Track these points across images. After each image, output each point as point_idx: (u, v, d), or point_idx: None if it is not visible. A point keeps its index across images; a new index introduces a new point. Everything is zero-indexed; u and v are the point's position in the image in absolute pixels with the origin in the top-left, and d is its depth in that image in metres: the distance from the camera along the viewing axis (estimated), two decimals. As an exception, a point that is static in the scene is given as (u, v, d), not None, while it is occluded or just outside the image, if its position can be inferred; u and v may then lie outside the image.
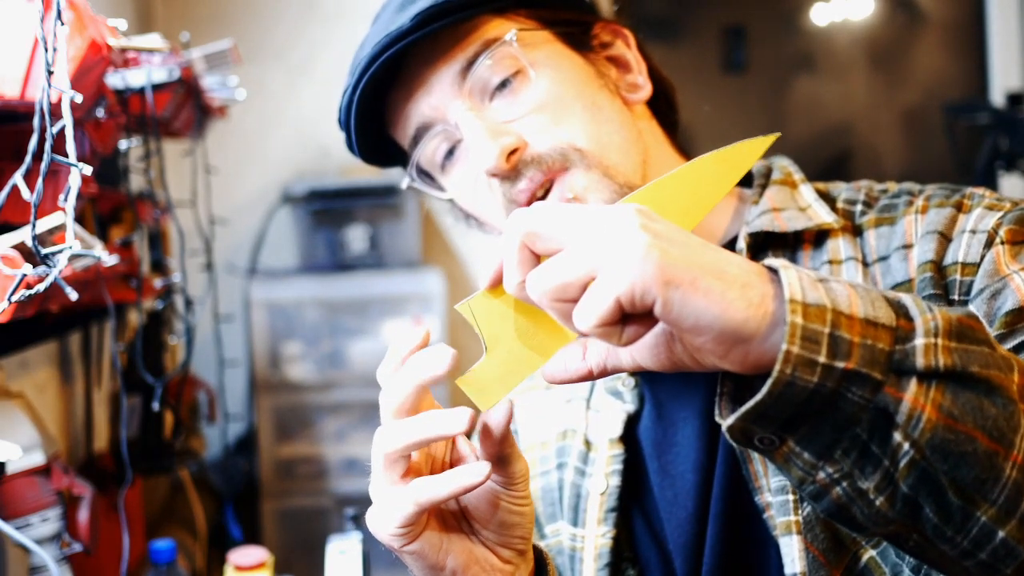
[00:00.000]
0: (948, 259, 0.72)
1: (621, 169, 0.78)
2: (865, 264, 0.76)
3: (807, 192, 0.82)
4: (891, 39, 2.91)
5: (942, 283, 0.71)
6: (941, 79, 2.89)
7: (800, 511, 0.71)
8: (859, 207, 0.80)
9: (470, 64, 0.78)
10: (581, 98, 0.79)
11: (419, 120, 0.81)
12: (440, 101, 0.80)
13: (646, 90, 0.84)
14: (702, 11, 2.85)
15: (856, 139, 2.93)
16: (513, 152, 0.77)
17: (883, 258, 0.76)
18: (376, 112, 0.84)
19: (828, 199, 0.82)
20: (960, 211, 0.74)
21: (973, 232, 0.72)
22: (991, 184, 2.36)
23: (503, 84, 0.78)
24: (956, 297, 0.70)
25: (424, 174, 0.86)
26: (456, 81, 0.78)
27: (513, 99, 0.78)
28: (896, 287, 0.73)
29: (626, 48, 0.85)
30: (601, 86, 0.81)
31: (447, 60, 0.78)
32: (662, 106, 0.87)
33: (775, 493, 0.72)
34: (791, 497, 0.71)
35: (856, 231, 0.79)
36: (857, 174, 0.98)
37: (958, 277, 0.71)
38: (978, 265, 0.70)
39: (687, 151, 0.88)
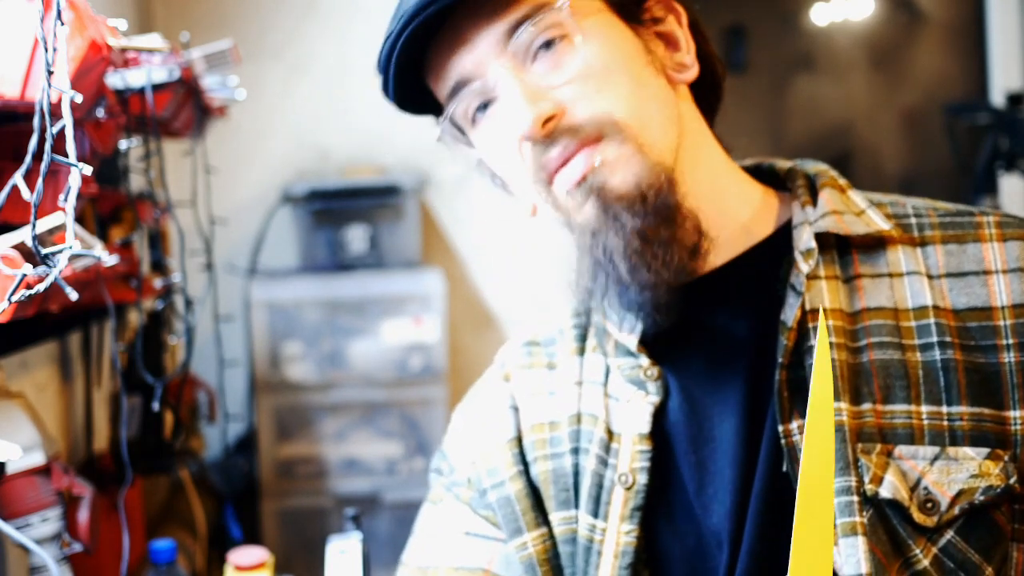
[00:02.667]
0: None
1: (657, 147, 0.77)
2: (930, 277, 0.77)
3: (857, 198, 0.83)
4: (891, 39, 2.91)
5: None
6: (941, 79, 2.89)
7: (864, 513, 0.71)
8: (912, 220, 0.80)
9: (517, 25, 0.76)
10: (626, 70, 0.77)
11: (458, 75, 0.80)
12: (482, 58, 0.78)
13: (693, 71, 0.83)
14: (702, 11, 2.84)
15: (856, 139, 2.93)
16: (549, 119, 0.76)
17: (954, 274, 0.77)
18: (415, 60, 0.82)
19: (873, 203, 0.83)
20: None
21: None
22: (991, 184, 2.36)
23: (548, 48, 0.77)
24: None
25: (455, 128, 0.85)
26: (501, 40, 0.77)
27: (557, 64, 0.77)
28: (973, 310, 0.75)
29: (677, 25, 0.83)
30: (648, 62, 0.80)
31: (495, 18, 0.77)
32: (705, 89, 0.86)
33: (838, 494, 0.72)
34: (855, 499, 0.71)
35: (914, 243, 0.79)
36: (857, 174, 0.99)
37: None
38: None
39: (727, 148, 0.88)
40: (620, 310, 0.84)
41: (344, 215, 2.23)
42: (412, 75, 0.84)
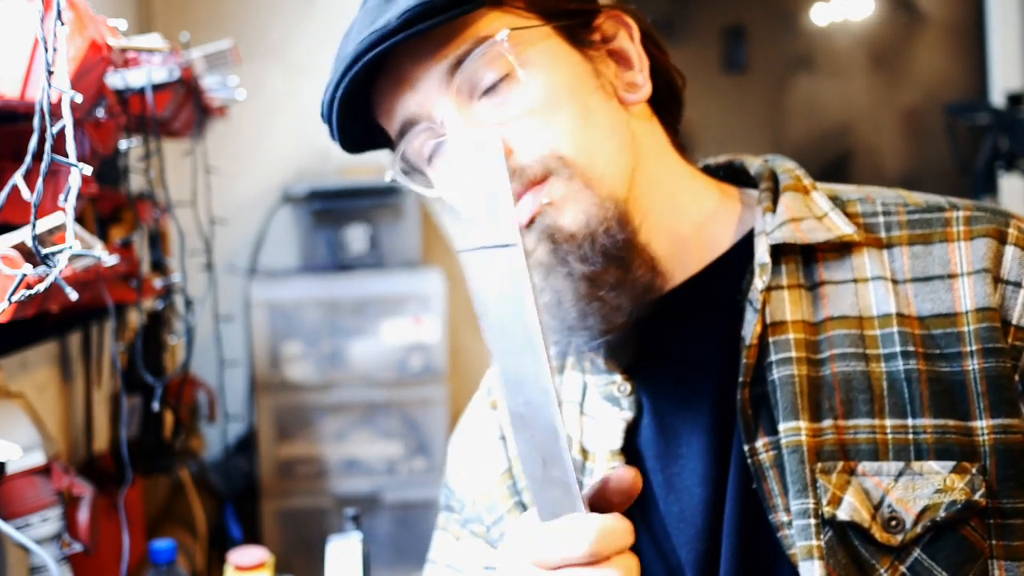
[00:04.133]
0: (1011, 316, 0.72)
1: (606, 181, 0.75)
2: (895, 282, 0.75)
3: (821, 200, 0.80)
4: (891, 39, 2.91)
5: (1007, 340, 0.71)
6: (941, 79, 2.89)
7: (822, 536, 0.70)
8: (880, 219, 0.78)
9: (459, 62, 0.74)
10: (572, 101, 0.76)
11: (404, 115, 0.79)
12: (426, 98, 0.77)
13: (645, 90, 0.81)
14: (702, 11, 2.85)
15: (856, 139, 2.93)
16: None
17: (919, 279, 0.75)
18: (361, 100, 0.81)
19: (839, 204, 0.81)
20: (1003, 243, 0.74)
21: None
22: (991, 184, 2.36)
23: (492, 83, 0.75)
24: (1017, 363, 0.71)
25: (411, 167, 0.84)
26: (443, 79, 0.75)
27: (501, 101, 0.75)
28: (937, 316, 0.73)
29: (629, 41, 0.81)
30: (596, 87, 0.78)
31: (435, 57, 0.75)
32: (665, 102, 0.84)
33: (797, 516, 0.71)
34: (812, 521, 0.70)
35: (880, 246, 0.77)
36: (857, 174, 0.98)
37: (1010, 340, 0.71)
38: None
39: (689, 150, 0.87)
40: (578, 349, 0.82)
41: (344, 215, 2.23)
42: (359, 116, 0.82)
